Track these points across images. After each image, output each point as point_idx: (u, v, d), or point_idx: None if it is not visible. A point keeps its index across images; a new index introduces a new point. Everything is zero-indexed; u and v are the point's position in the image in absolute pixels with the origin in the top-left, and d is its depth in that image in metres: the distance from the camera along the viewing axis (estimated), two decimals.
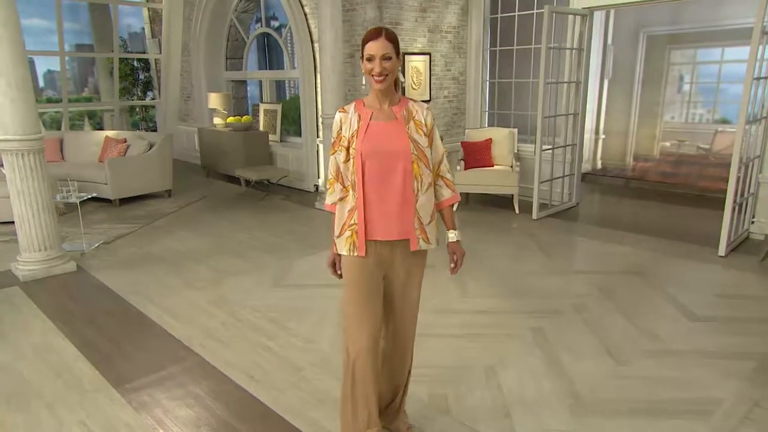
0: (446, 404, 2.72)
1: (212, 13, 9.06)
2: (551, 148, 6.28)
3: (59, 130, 9.55)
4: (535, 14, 6.67)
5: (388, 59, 1.98)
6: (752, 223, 5.43)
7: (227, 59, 9.53)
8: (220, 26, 9.28)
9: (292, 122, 9.29)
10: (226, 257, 5.03)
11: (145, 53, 11.37)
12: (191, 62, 9.71)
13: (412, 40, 6.65)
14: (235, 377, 3.01)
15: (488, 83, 7.43)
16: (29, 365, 3.18)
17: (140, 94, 11.50)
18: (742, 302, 3.96)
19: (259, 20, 9.57)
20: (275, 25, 9.84)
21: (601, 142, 8.82)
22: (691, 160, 9.03)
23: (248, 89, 10.21)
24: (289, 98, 11.08)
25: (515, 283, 4.33)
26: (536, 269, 4.66)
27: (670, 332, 3.46)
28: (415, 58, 6.68)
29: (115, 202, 6.86)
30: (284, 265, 4.80)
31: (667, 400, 2.72)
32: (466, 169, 6.51)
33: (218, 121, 8.68)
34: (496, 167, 6.64)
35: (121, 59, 10.69)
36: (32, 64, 10.78)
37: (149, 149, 7.17)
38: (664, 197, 7.34)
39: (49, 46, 10.05)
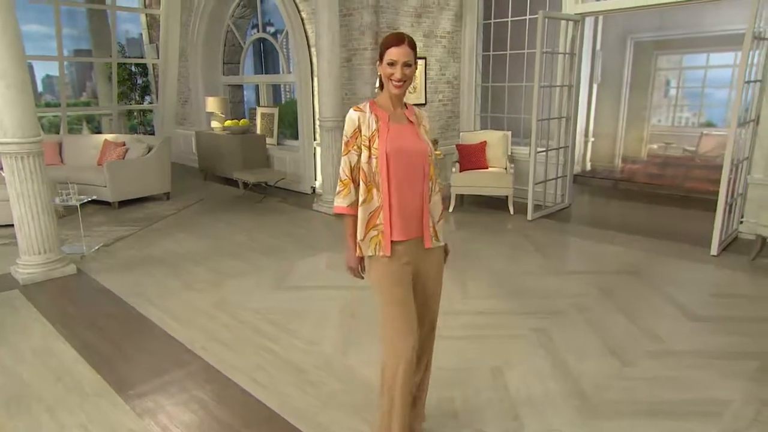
0: (454, 407, 2.61)
1: (209, 18, 8.91)
2: (545, 150, 6.21)
3: (58, 134, 9.34)
4: (527, 20, 6.60)
5: (408, 66, 1.96)
6: (741, 222, 5.39)
7: (224, 64, 9.38)
8: (217, 32, 9.13)
9: (288, 126, 9.16)
10: (225, 259, 4.89)
11: (143, 58, 11.19)
12: (188, 67, 9.55)
13: None
14: (239, 380, 2.89)
15: (481, 87, 7.35)
16: (29, 369, 3.03)
17: (138, 98, 11.32)
18: (737, 301, 3.90)
19: (255, 26, 9.44)
20: (271, 30, 9.72)
21: (590, 144, 8.78)
22: (677, 162, 9.01)
23: (245, 93, 10.07)
24: (285, 102, 10.96)
25: (513, 283, 4.23)
26: (533, 269, 4.57)
27: (671, 332, 3.38)
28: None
29: (114, 204, 6.69)
30: (284, 266, 4.67)
31: (673, 401, 2.63)
32: (461, 171, 6.42)
33: (216, 124, 8.53)
34: (490, 169, 6.55)
35: (119, 64, 10.51)
36: (31, 69, 10.55)
37: (148, 152, 7.01)
38: (651, 198, 7.30)
39: (47, 51, 9.86)
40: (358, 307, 3.81)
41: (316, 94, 7.20)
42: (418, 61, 2.08)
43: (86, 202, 5.04)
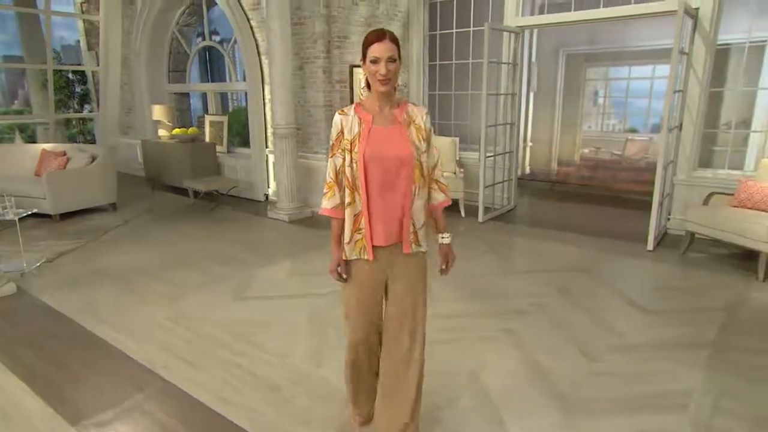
0: (439, 414, 2.46)
1: (153, 26, 8.36)
2: (493, 155, 6.24)
3: None
4: (471, 32, 6.63)
5: (393, 61, 1.84)
6: (668, 219, 5.61)
7: (170, 72, 8.84)
8: (161, 39, 8.58)
9: (236, 134, 8.78)
10: (180, 270, 4.52)
11: (81, 65, 10.37)
12: (132, 75, 8.92)
13: (359, 53, 6.37)
14: (206, 400, 2.61)
15: (429, 95, 7.30)
16: None
17: (77, 106, 10.47)
18: (677, 293, 3.99)
19: (200, 34, 8.98)
20: (217, 39, 9.29)
21: (528, 149, 8.97)
22: (606, 165, 9.39)
23: (191, 101, 9.55)
24: (233, 110, 10.50)
25: (475, 285, 4.15)
26: (491, 270, 4.53)
27: (627, 326, 3.40)
28: (362, 70, 6.41)
29: (55, 217, 6.07)
30: (244, 276, 4.37)
31: (644, 395, 2.61)
32: None
33: (163, 132, 7.99)
34: None
35: (55, 71, 9.65)
36: None
37: (92, 162, 6.43)
38: (585, 198, 7.53)
39: None
40: (326, 315, 3.59)
41: (267, 101, 6.91)
42: (401, 57, 1.93)
43: (25, 216, 4.51)
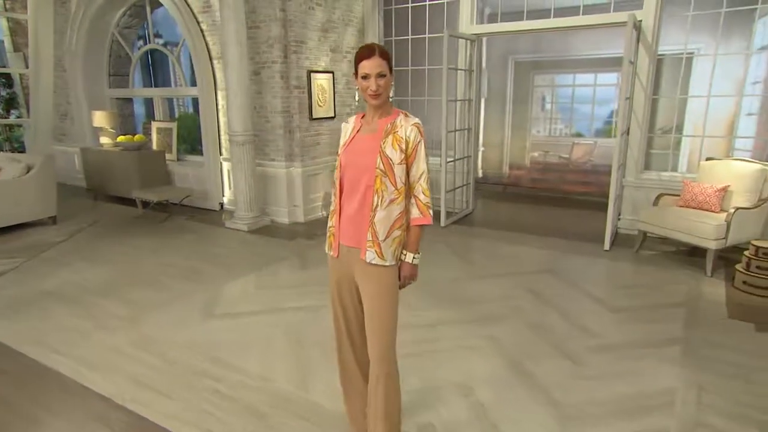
0: None
1: (90, 27, 7.73)
2: (453, 160, 6.24)
3: None
4: (426, 38, 6.61)
5: (382, 76, 1.89)
6: (619, 219, 5.83)
7: (110, 76, 8.24)
8: (100, 41, 7.97)
9: (183, 141, 8.32)
10: (138, 288, 4.16)
11: (6, 68, 9.48)
12: (67, 78, 8.25)
13: (316, 58, 6.20)
14: None
15: None
16: None
17: (2, 112, 9.55)
18: (638, 291, 4.08)
19: (141, 37, 8.45)
20: (160, 42, 8.79)
21: (481, 153, 9.09)
22: (554, 167, 9.68)
23: (134, 107, 8.96)
24: (179, 116, 9.97)
25: (447, 291, 4.08)
26: (460, 275, 4.49)
27: (599, 326, 3.44)
28: (319, 76, 6.24)
29: None
30: (209, 292, 4.08)
31: (630, 396, 2.63)
32: None
33: (106, 140, 7.43)
34: None
35: None
36: None
37: (27, 172, 5.85)
38: (536, 200, 7.72)
39: None
40: (303, 330, 3.41)
41: (221, 107, 6.58)
42: (393, 69, 1.93)
43: None
